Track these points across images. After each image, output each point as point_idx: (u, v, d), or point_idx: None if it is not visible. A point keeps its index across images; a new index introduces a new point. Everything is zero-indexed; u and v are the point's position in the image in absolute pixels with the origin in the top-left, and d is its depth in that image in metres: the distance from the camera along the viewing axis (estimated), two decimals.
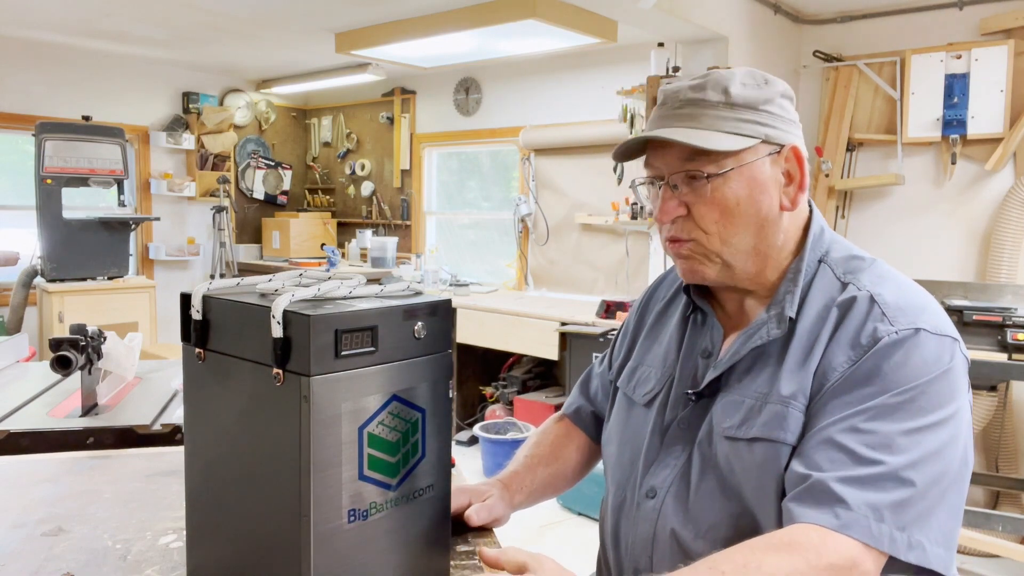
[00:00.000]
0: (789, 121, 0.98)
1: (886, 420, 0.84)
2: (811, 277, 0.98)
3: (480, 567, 0.99)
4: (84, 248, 4.61)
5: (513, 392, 4.56)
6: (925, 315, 0.91)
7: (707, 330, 1.07)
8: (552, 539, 3.38)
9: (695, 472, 0.98)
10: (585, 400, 1.30)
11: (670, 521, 0.98)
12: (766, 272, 1.00)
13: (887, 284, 0.94)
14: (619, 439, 1.12)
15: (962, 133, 3.50)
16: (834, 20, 3.89)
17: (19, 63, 5.10)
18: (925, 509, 0.82)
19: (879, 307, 0.91)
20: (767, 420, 0.92)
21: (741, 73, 0.97)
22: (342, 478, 0.79)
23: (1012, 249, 3.38)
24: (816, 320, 0.94)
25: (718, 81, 0.95)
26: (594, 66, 4.73)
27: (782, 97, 0.98)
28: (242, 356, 0.83)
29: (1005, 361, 2.75)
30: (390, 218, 6.14)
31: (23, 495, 1.21)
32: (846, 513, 0.80)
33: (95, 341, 1.71)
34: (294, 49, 5.07)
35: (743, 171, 0.94)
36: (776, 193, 0.97)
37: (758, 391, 0.95)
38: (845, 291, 0.95)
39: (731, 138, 0.93)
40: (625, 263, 4.63)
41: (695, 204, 0.96)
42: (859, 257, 1.00)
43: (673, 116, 0.97)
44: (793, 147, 0.97)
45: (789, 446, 0.90)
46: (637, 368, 1.14)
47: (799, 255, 0.99)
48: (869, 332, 0.89)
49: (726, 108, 0.94)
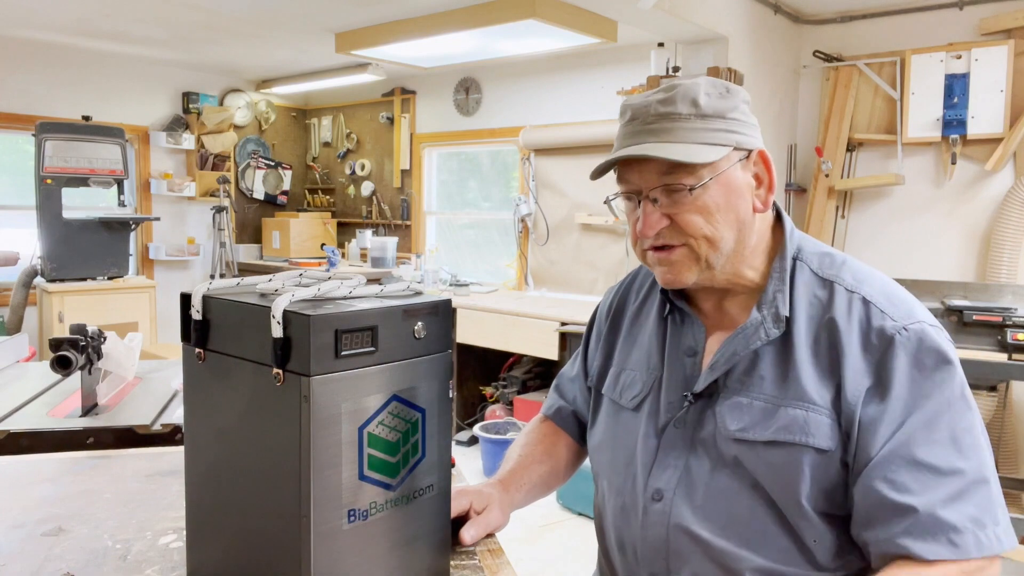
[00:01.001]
0: (752, 126, 1.01)
1: (944, 425, 0.90)
2: (791, 274, 1.01)
3: (480, 567, 0.99)
4: (84, 248, 4.61)
5: (513, 392, 4.57)
6: (915, 308, 0.96)
7: (688, 329, 1.08)
8: (552, 539, 3.38)
9: (703, 471, 0.99)
10: (564, 402, 1.30)
11: (684, 521, 0.98)
12: (742, 271, 1.02)
13: (869, 282, 0.99)
14: (611, 445, 1.11)
15: (962, 133, 3.50)
16: (834, 20, 3.89)
17: (19, 63, 5.10)
18: (998, 493, 0.90)
19: (875, 306, 0.95)
20: (786, 424, 0.94)
21: (704, 83, 0.99)
22: (342, 478, 0.79)
23: (1012, 249, 3.38)
24: (809, 322, 0.97)
25: (686, 93, 0.97)
26: (594, 66, 4.73)
27: (743, 103, 1.00)
28: (242, 356, 0.83)
29: (1005, 361, 2.75)
30: (390, 218, 6.14)
31: (23, 495, 1.21)
32: (958, 537, 0.87)
33: (95, 341, 1.71)
34: (294, 49, 5.07)
35: (719, 179, 0.96)
36: (749, 196, 0.99)
37: (767, 393, 0.97)
38: (831, 290, 0.98)
39: (706, 148, 0.95)
40: (625, 263, 4.63)
41: (678, 214, 0.97)
42: (829, 254, 1.03)
43: (646, 131, 0.98)
44: (760, 151, 1.00)
45: (814, 449, 0.92)
46: (620, 373, 1.14)
47: (779, 253, 1.02)
48: (877, 330, 0.93)
49: (698, 119, 0.96)
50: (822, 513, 0.93)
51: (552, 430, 1.29)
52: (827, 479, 0.92)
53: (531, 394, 4.55)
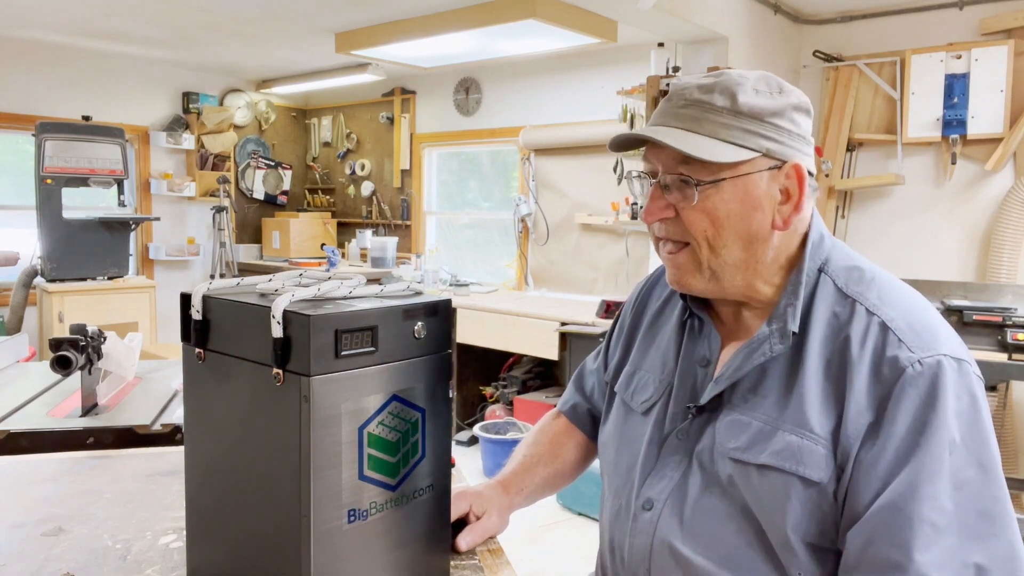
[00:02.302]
0: (797, 136, 0.92)
1: (948, 473, 0.82)
2: (812, 288, 0.94)
3: (480, 567, 0.99)
4: (84, 248, 4.61)
5: (513, 392, 4.56)
6: (940, 339, 0.87)
7: (704, 338, 1.03)
8: (552, 539, 3.38)
9: (695, 486, 0.96)
10: (581, 397, 1.29)
11: (667, 535, 0.96)
12: (757, 286, 0.95)
13: (894, 303, 0.90)
14: (616, 445, 1.10)
15: (962, 133, 3.50)
16: (834, 20, 3.89)
17: (19, 63, 5.10)
18: None
19: (894, 333, 0.87)
20: (780, 449, 0.88)
21: (755, 78, 0.92)
22: (342, 478, 0.79)
23: (1012, 249, 3.38)
24: (824, 341, 0.90)
25: (727, 85, 0.91)
26: (594, 66, 4.73)
27: (794, 110, 0.93)
28: (242, 356, 0.83)
29: (1005, 361, 2.75)
30: (390, 218, 6.14)
31: (23, 495, 1.21)
32: None
33: (95, 341, 1.71)
34: (294, 49, 5.07)
35: (737, 183, 0.90)
36: (770, 210, 0.92)
37: (767, 414, 0.91)
38: (851, 309, 0.91)
39: (728, 148, 0.89)
40: (625, 263, 4.63)
41: (684, 209, 0.92)
42: (859, 268, 0.95)
43: (674, 115, 0.93)
44: (795, 164, 0.91)
45: (805, 480, 0.86)
46: (635, 373, 1.12)
47: (797, 266, 0.95)
48: (890, 362, 0.85)
49: (730, 115, 0.90)
50: (810, 545, 0.87)
51: (564, 427, 1.28)
52: (818, 511, 0.86)
53: (531, 394, 4.55)
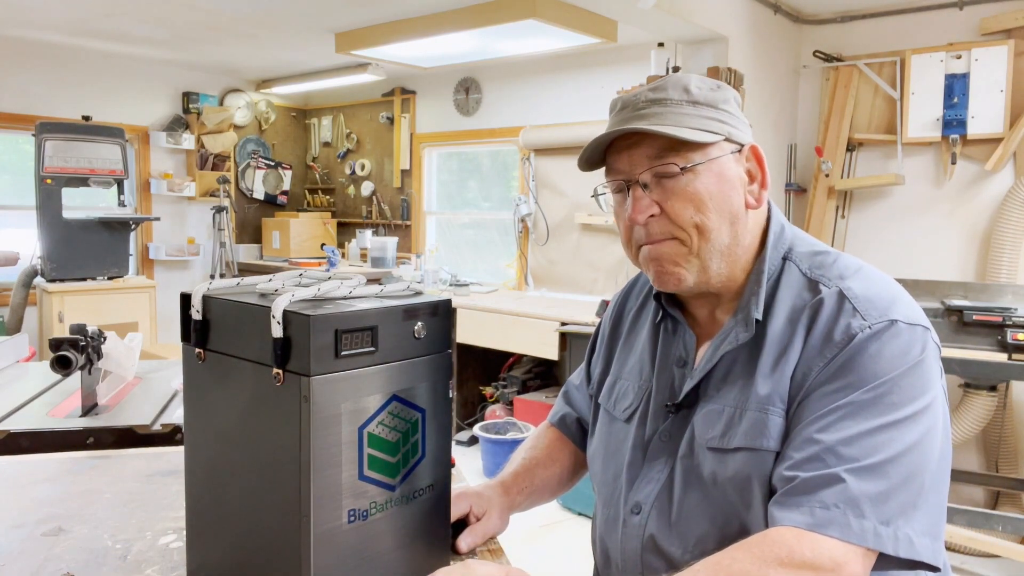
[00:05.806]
0: (743, 122, 0.99)
1: (861, 417, 0.84)
2: (776, 276, 0.97)
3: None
4: (84, 248, 4.61)
5: (513, 392, 4.56)
6: (897, 305, 0.90)
7: (679, 338, 1.04)
8: (552, 539, 3.38)
9: (678, 486, 0.96)
10: (570, 408, 1.29)
11: (656, 537, 0.96)
12: (735, 273, 0.98)
13: (855, 277, 0.93)
14: (603, 456, 1.10)
15: (962, 133, 3.49)
16: (834, 20, 3.89)
17: (19, 63, 5.10)
18: (907, 501, 0.81)
19: (849, 302, 0.89)
20: (747, 428, 0.90)
21: (695, 77, 0.98)
22: (342, 478, 0.79)
23: (1012, 249, 3.38)
24: (787, 322, 0.93)
25: (677, 82, 0.96)
26: (594, 66, 4.73)
27: (734, 100, 0.99)
28: (242, 356, 0.83)
29: (1005, 361, 2.75)
30: (390, 218, 6.14)
31: (23, 495, 1.21)
32: (823, 512, 0.80)
33: (95, 341, 1.71)
34: (294, 49, 5.07)
35: (711, 166, 0.94)
36: (742, 191, 0.97)
37: (736, 399, 0.93)
38: (815, 290, 0.93)
39: (697, 131, 0.93)
40: (625, 263, 4.63)
41: (667, 201, 0.94)
42: (824, 252, 0.98)
43: (636, 116, 0.96)
44: (752, 146, 0.98)
45: (772, 452, 0.88)
46: (616, 383, 1.12)
47: (760, 255, 0.98)
48: (843, 328, 0.88)
49: (689, 105, 0.95)
50: None
51: (557, 436, 1.28)
52: None
53: (531, 394, 4.55)
